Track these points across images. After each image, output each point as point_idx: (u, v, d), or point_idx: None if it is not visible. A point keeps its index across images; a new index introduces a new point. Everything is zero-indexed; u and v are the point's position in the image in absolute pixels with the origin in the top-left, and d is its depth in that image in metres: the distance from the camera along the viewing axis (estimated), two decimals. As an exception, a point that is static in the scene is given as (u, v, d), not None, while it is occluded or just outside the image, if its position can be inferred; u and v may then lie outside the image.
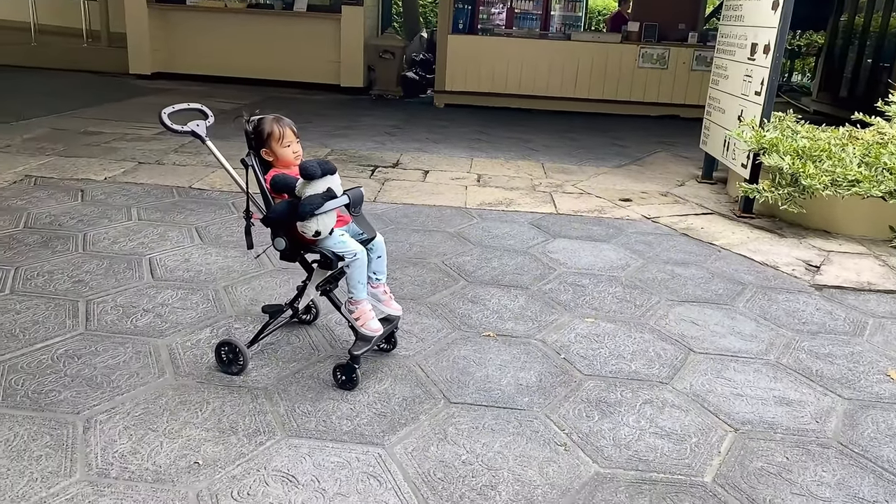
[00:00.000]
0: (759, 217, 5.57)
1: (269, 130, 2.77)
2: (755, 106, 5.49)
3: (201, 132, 2.87)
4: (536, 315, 3.57)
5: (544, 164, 7.18)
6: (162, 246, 4.22)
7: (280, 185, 2.68)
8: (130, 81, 11.71)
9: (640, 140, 8.88)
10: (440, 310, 3.56)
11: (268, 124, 2.78)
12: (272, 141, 2.77)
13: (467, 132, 8.81)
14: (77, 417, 2.51)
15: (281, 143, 2.76)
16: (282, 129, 2.76)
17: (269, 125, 2.77)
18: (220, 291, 3.63)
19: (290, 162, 2.80)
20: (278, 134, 2.76)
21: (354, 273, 2.76)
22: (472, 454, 2.43)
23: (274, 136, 2.76)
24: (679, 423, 2.69)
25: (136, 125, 7.89)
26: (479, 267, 4.18)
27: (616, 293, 3.90)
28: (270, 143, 2.77)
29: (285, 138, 2.77)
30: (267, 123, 2.78)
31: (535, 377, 2.96)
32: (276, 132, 2.76)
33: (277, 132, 2.76)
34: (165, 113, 2.78)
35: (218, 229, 4.58)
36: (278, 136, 2.76)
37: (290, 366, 2.94)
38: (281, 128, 2.77)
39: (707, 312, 3.72)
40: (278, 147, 2.77)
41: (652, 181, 6.68)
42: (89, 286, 3.60)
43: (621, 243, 4.78)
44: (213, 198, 5.30)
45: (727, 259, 4.59)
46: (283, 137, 2.76)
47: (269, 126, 2.78)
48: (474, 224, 5.03)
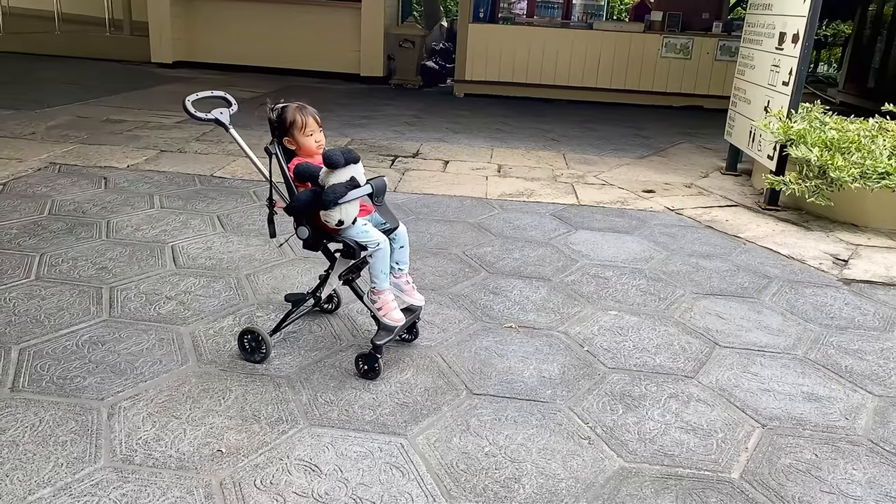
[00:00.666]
0: (784, 210, 5.48)
1: (291, 119, 2.76)
2: (783, 96, 5.39)
3: (225, 120, 2.86)
4: (559, 307, 3.53)
5: (566, 154, 7.12)
6: (184, 234, 4.23)
7: (303, 174, 2.66)
8: (152, 70, 11.78)
9: (662, 131, 8.77)
10: (462, 301, 3.53)
11: (291, 113, 2.76)
12: (294, 130, 2.75)
13: (487, 122, 8.75)
14: (101, 404, 2.52)
15: (303, 132, 2.75)
16: (304, 118, 2.75)
17: (291, 114, 2.76)
18: (242, 280, 3.63)
19: (312, 151, 2.79)
20: (301, 123, 2.74)
21: (377, 263, 2.74)
22: (495, 446, 2.41)
23: (297, 124, 2.74)
24: (705, 417, 2.65)
25: (158, 113, 7.93)
26: (501, 258, 4.15)
27: (640, 285, 3.86)
28: (293, 131, 2.76)
29: (307, 127, 2.75)
30: (290, 112, 2.77)
31: (557, 369, 2.93)
32: (299, 121, 2.74)
33: (300, 121, 2.74)
34: (189, 100, 2.77)
35: (240, 218, 4.59)
36: (301, 125, 2.74)
37: (312, 354, 2.94)
38: (304, 117, 2.75)
39: (733, 306, 3.66)
40: (300, 136, 2.75)
41: (675, 172, 6.59)
42: (113, 273, 3.61)
43: (645, 235, 4.72)
44: (235, 186, 5.31)
45: (752, 252, 4.52)
46: (306, 126, 2.75)
47: (292, 115, 2.76)
48: (495, 215, 4.99)
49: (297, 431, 2.43)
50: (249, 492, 2.13)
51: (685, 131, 8.82)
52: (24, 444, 2.28)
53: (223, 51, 12.13)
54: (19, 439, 2.30)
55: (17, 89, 9.15)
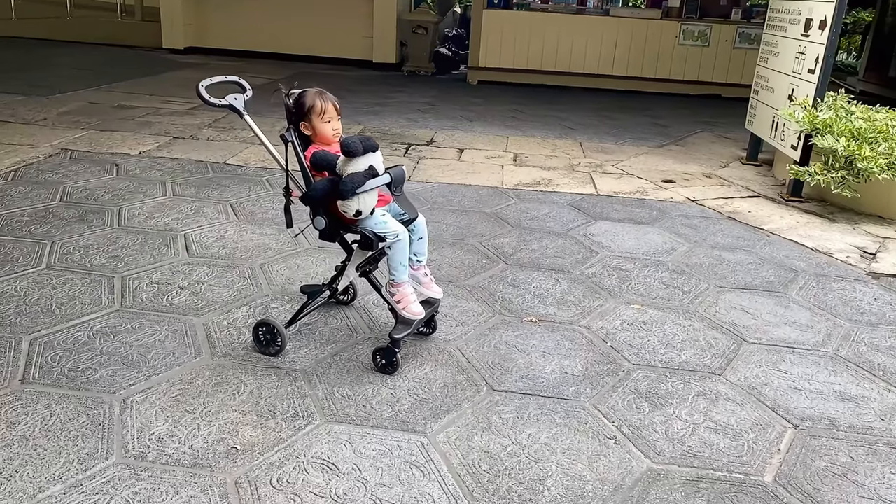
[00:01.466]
0: (808, 201, 5.35)
1: (310, 103, 2.67)
2: (808, 85, 5.25)
3: (239, 106, 2.77)
4: (580, 300, 3.44)
5: (582, 143, 7.00)
6: (197, 222, 4.16)
7: (320, 162, 2.58)
8: (163, 56, 11.70)
9: (680, 119, 8.62)
10: (480, 293, 3.45)
11: (310, 97, 2.68)
12: (313, 115, 2.66)
13: (502, 110, 8.63)
14: (113, 397, 2.46)
15: (322, 118, 2.66)
16: (324, 104, 2.66)
17: (311, 98, 2.67)
18: (256, 269, 3.56)
19: (329, 139, 2.70)
20: (320, 108, 2.65)
21: (396, 255, 2.65)
22: (518, 445, 2.33)
23: (315, 109, 2.65)
24: (735, 417, 2.56)
25: (169, 99, 7.86)
26: (519, 249, 4.06)
27: (662, 279, 3.76)
28: (311, 116, 2.67)
29: (326, 113, 2.67)
30: (309, 96, 2.68)
31: (580, 365, 2.84)
32: (319, 106, 2.65)
33: (319, 106, 2.65)
34: (203, 86, 2.69)
35: (253, 206, 4.51)
36: (320, 110, 2.65)
37: (328, 347, 2.86)
38: (323, 102, 2.66)
39: (759, 300, 3.56)
40: (318, 122, 2.66)
41: (695, 162, 6.46)
42: (125, 262, 3.55)
43: (666, 226, 4.61)
44: (248, 174, 5.23)
45: (777, 244, 4.41)
46: (325, 112, 2.66)
47: (312, 99, 2.68)
48: (512, 204, 4.89)
49: (314, 428, 2.36)
50: (266, 491, 2.07)
51: (704, 120, 8.66)
52: (34, 439, 2.22)
53: (235, 37, 12.03)
54: (30, 434, 2.24)
55: (28, 75, 9.10)
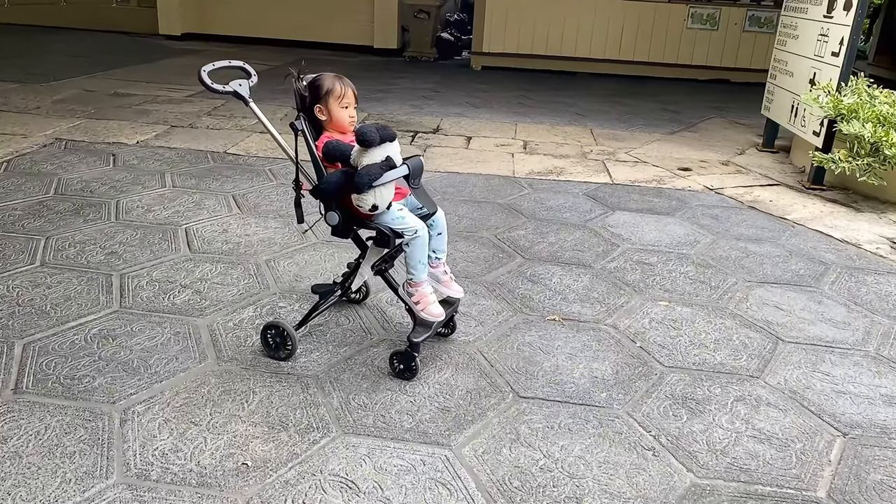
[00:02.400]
0: (830, 189, 5.17)
1: (329, 86, 2.49)
2: (832, 68, 5.05)
3: (244, 93, 2.57)
4: (604, 297, 3.26)
5: (593, 129, 6.80)
6: (198, 215, 3.97)
7: (334, 153, 2.39)
8: (160, 42, 11.45)
9: (691, 105, 8.42)
10: (498, 290, 3.27)
11: (329, 80, 2.50)
12: (331, 97, 2.48)
13: (508, 96, 8.41)
14: (113, 408, 2.28)
15: (340, 102, 2.48)
16: (343, 88, 2.48)
17: (330, 81, 2.50)
18: (261, 266, 3.38)
19: (344, 126, 2.51)
20: (339, 91, 2.47)
21: (415, 252, 2.47)
22: (550, 459, 2.16)
23: (334, 92, 2.47)
24: (778, 424, 2.39)
25: (167, 87, 7.64)
26: (536, 242, 3.88)
27: (688, 273, 3.58)
28: (328, 99, 2.48)
29: (345, 98, 2.48)
30: (328, 79, 2.50)
31: (610, 368, 2.67)
32: (338, 89, 2.47)
33: (339, 89, 2.47)
34: (205, 71, 2.49)
35: (256, 198, 4.33)
36: (339, 94, 2.47)
37: (341, 350, 2.69)
38: (343, 86, 2.48)
39: (790, 295, 3.39)
40: (335, 106, 2.48)
41: (710, 149, 6.27)
42: (123, 258, 3.37)
43: (686, 217, 4.43)
44: (250, 164, 5.04)
45: (803, 235, 4.23)
46: (343, 97, 2.48)
47: (331, 82, 2.50)
48: (525, 195, 4.71)
49: (330, 441, 2.19)
50: (280, 514, 1.90)
51: (715, 105, 8.46)
52: (27, 456, 2.05)
53: (233, 22, 11.77)
54: (23, 450, 2.07)
55: (21, 62, 8.86)
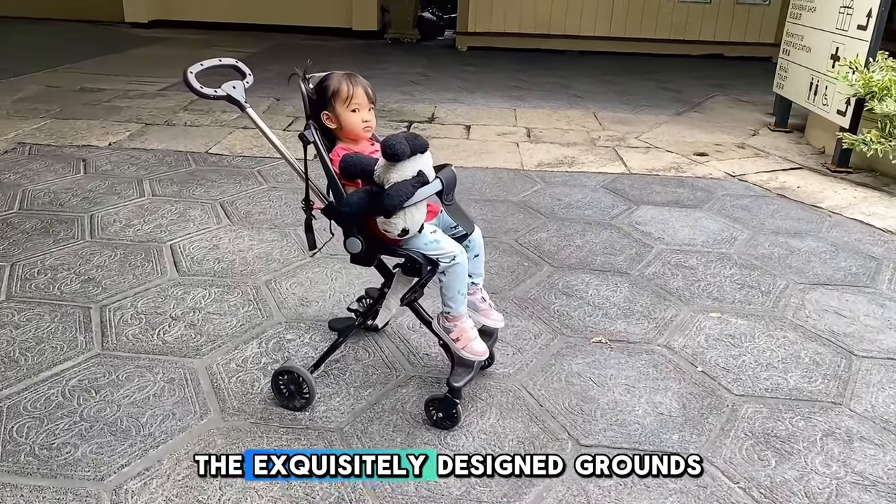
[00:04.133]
0: (856, 171, 4.87)
1: (335, 87, 2.10)
2: (858, 43, 4.72)
3: (239, 96, 2.16)
4: (648, 310, 2.92)
5: (596, 113, 6.43)
6: (184, 229, 3.55)
7: (353, 168, 1.99)
8: (126, 30, 10.86)
9: (690, 83, 8.09)
10: (530, 306, 2.91)
11: (335, 80, 2.11)
12: (337, 101, 2.09)
13: (501, 78, 8.01)
14: (102, 486, 1.90)
15: (347, 105, 2.09)
16: (352, 88, 2.08)
17: (336, 81, 2.11)
18: (261, 288, 2.98)
19: (358, 133, 2.12)
20: (346, 92, 2.08)
21: (452, 282, 2.10)
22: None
23: (340, 94, 2.08)
24: (881, 466, 2.07)
25: (137, 80, 7.13)
26: (561, 246, 3.52)
27: (733, 276, 3.25)
28: (335, 103, 2.10)
29: (354, 99, 2.09)
30: (334, 79, 2.11)
31: (675, 402, 2.33)
32: (345, 90, 2.08)
33: (346, 90, 2.08)
34: (192, 73, 2.08)
35: (246, 205, 3.91)
36: (346, 96, 2.08)
37: (364, 394, 2.32)
38: (351, 85, 2.09)
39: (849, 298, 3.07)
40: (343, 110, 2.09)
41: (721, 131, 5.94)
42: (102, 286, 2.95)
43: (716, 209, 4.10)
44: (235, 165, 4.60)
45: (843, 226, 3.92)
46: (352, 98, 2.08)
47: (337, 82, 2.10)
48: (539, 190, 4.34)
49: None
50: None
51: (714, 83, 8.13)
52: (-2, 562, 1.66)
53: (203, 7, 11.18)
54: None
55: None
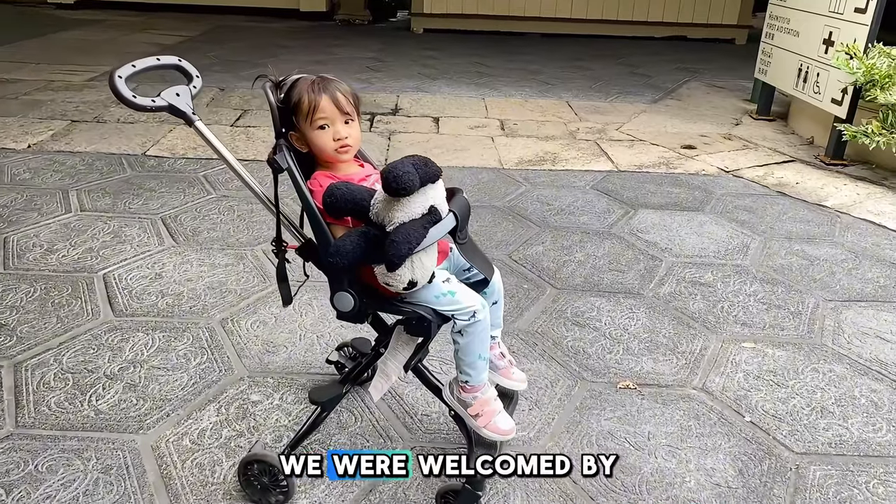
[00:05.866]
0: (851, 164, 4.60)
1: (295, 100, 1.61)
2: (856, 27, 4.41)
3: (183, 106, 1.65)
4: (673, 341, 2.53)
5: (570, 102, 6.03)
6: (119, 253, 3.00)
7: (342, 204, 1.51)
8: (49, 12, 9.93)
9: (659, 67, 7.76)
10: (540, 342, 2.49)
11: (296, 89, 1.61)
12: (299, 117, 1.61)
13: (463, 64, 7.53)
14: None
15: (310, 122, 1.60)
16: (314, 98, 1.59)
17: (296, 91, 1.61)
18: (216, 330, 2.47)
19: (328, 155, 1.63)
20: (307, 104, 1.59)
21: (472, 344, 1.65)
22: None
23: (300, 108, 1.60)
24: None
25: (62, 68, 6.39)
26: (561, 263, 3.10)
27: (756, 294, 2.89)
28: (298, 119, 1.61)
29: (318, 112, 1.59)
30: (296, 88, 1.62)
31: (729, 466, 1.95)
32: (305, 102, 1.59)
33: (306, 102, 1.59)
34: (122, 77, 1.56)
35: (193, 220, 3.37)
36: (307, 108, 1.59)
37: (355, 478, 1.86)
38: (313, 94, 1.59)
39: (887, 318, 2.75)
40: (308, 128, 1.61)
41: (703, 120, 5.61)
42: (16, 335, 2.40)
43: (718, 211, 3.74)
44: (178, 169, 4.03)
45: (855, 229, 3.62)
46: (314, 112, 1.59)
47: (298, 93, 1.61)
48: (525, 193, 3.91)
49: None
50: None
51: (684, 67, 7.83)
52: None
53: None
54: None
55: None
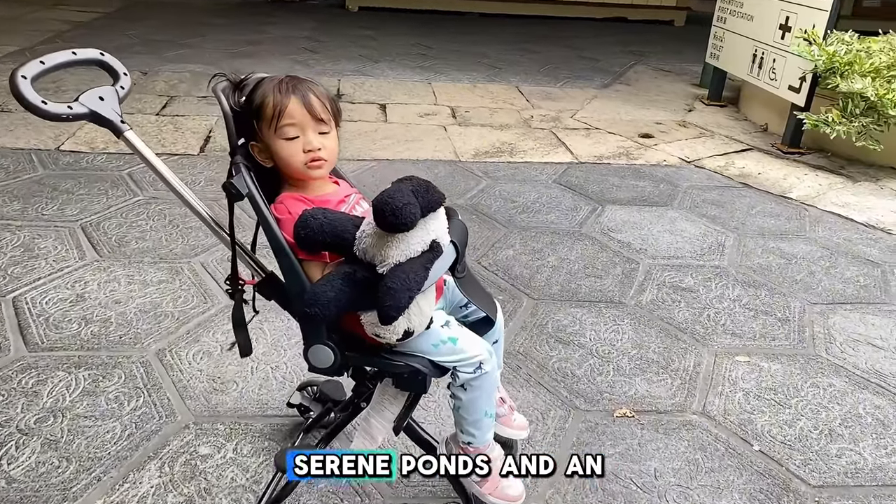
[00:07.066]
0: (808, 152, 4.55)
1: (257, 102, 1.30)
2: (814, 13, 4.32)
3: (108, 113, 1.32)
4: (665, 358, 2.34)
5: (519, 87, 5.79)
6: (31, 271, 2.59)
7: (319, 238, 1.21)
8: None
9: (604, 50, 7.61)
10: (524, 365, 2.25)
11: (260, 90, 1.31)
12: (262, 123, 1.30)
13: (404, 45, 7.18)
14: None
15: (275, 129, 1.30)
16: (281, 101, 1.29)
17: (260, 92, 1.31)
18: (151, 365, 2.13)
19: (300, 173, 1.33)
20: (271, 107, 1.29)
21: (478, 400, 1.38)
22: None
23: (263, 113, 1.30)
24: None
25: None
26: (534, 269, 2.87)
27: (740, 299, 2.73)
28: (260, 126, 1.31)
29: (284, 118, 1.29)
30: (261, 88, 1.31)
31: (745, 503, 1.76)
32: (269, 106, 1.30)
33: (270, 105, 1.29)
34: (27, 78, 1.22)
35: (118, 227, 2.96)
36: (270, 115, 1.29)
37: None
38: (280, 96, 1.29)
39: (874, 322, 2.64)
40: (272, 137, 1.31)
41: (655, 106, 5.48)
42: None
43: (686, 206, 3.59)
44: (98, 166, 3.58)
45: (824, 223, 3.52)
46: (280, 118, 1.29)
47: (261, 94, 1.31)
48: (486, 189, 3.65)
49: None
50: None
51: (630, 50, 7.70)
52: None
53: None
54: None
55: None
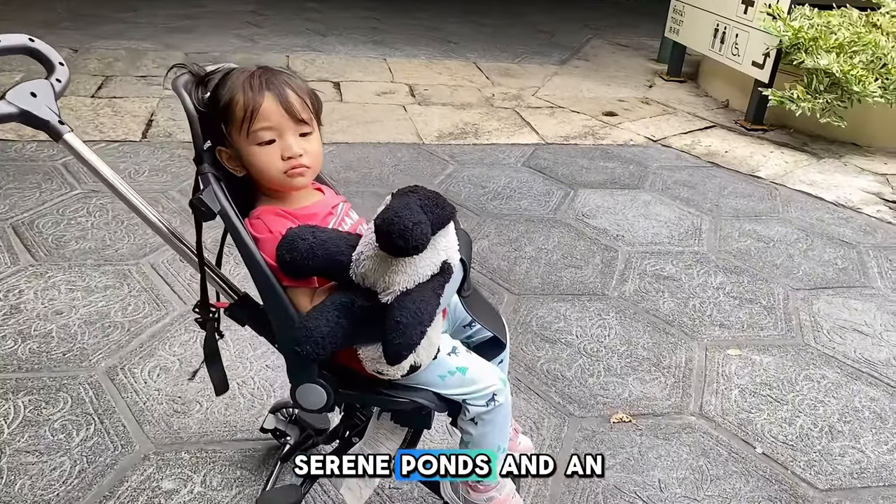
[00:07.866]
0: (770, 129, 4.52)
1: (226, 99, 1.10)
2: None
3: (46, 112, 1.10)
4: (654, 354, 2.24)
5: (477, 63, 5.59)
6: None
7: (307, 262, 1.02)
8: None
9: (559, 23, 7.45)
10: (512, 369, 2.11)
11: (228, 85, 1.12)
12: (231, 125, 1.11)
13: (353, 19, 6.88)
14: None
15: (246, 133, 1.11)
16: (253, 99, 1.11)
17: (229, 87, 1.12)
18: (101, 386, 1.90)
19: (277, 182, 1.15)
20: (241, 110, 1.10)
21: (490, 434, 1.22)
22: None
23: (233, 114, 1.11)
24: None
25: None
26: (512, 260, 2.72)
27: (724, 287, 2.65)
28: (230, 130, 1.12)
29: (257, 121, 1.11)
30: (229, 83, 1.12)
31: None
32: (239, 105, 1.10)
33: (240, 105, 1.10)
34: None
35: (54, 225, 2.69)
36: (240, 117, 1.10)
37: (320, 592, 1.42)
38: (252, 94, 1.11)
39: (857, 308, 2.59)
40: (243, 142, 1.12)
41: (615, 82, 5.37)
42: None
43: (658, 188, 3.49)
44: (29, 156, 3.27)
45: (795, 202, 3.48)
46: (253, 120, 1.11)
47: (230, 89, 1.11)
48: (453, 174, 3.48)
49: None
50: None
51: (584, 23, 7.57)
52: None
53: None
54: None
55: None
